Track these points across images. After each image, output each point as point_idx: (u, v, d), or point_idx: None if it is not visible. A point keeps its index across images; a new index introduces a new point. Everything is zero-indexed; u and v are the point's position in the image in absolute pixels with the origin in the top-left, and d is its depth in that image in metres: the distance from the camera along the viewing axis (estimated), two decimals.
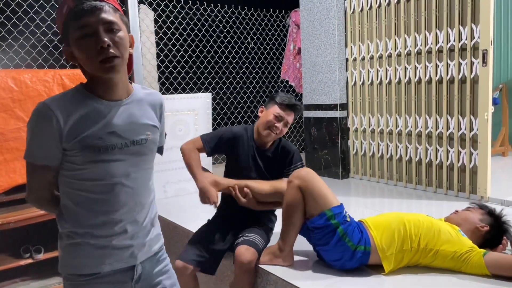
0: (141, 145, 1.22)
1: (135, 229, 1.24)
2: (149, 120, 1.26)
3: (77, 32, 1.09)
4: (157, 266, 1.34)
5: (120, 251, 1.22)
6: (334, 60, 4.22)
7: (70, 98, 1.15)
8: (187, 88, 4.16)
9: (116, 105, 1.18)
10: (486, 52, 3.12)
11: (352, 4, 4.13)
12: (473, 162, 3.32)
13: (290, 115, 2.25)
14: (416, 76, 3.66)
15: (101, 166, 1.16)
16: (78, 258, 1.20)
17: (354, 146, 4.30)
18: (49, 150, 1.12)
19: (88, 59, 1.10)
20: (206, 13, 4.24)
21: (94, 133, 1.13)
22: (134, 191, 1.22)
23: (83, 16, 1.08)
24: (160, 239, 1.37)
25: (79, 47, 1.10)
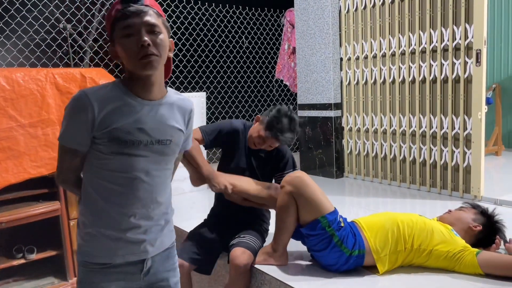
0: (165, 145, 1.29)
1: (148, 224, 1.30)
2: (176, 123, 1.32)
3: (122, 32, 1.19)
4: (167, 262, 1.40)
5: (132, 244, 1.28)
6: (328, 60, 4.22)
7: (108, 90, 1.23)
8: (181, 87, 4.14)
9: (149, 104, 1.25)
10: (480, 52, 3.13)
11: (347, 4, 4.13)
12: (467, 161, 3.33)
13: (274, 143, 2.16)
14: (410, 76, 3.67)
15: (124, 159, 1.22)
16: (93, 247, 1.27)
17: (348, 145, 4.30)
18: (80, 136, 1.20)
19: (130, 57, 1.19)
20: (201, 12, 4.22)
21: (124, 126, 1.20)
22: (152, 188, 1.28)
23: (128, 17, 1.18)
24: (173, 236, 1.42)
25: (123, 46, 1.19)
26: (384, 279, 1.95)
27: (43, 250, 2.79)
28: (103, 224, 1.26)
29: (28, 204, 2.68)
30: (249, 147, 2.29)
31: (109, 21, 1.23)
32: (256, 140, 2.18)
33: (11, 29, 3.09)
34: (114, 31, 1.21)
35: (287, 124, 2.12)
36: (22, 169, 2.57)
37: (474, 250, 1.89)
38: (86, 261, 1.28)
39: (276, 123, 2.11)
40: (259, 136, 2.16)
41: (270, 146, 2.19)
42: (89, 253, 1.27)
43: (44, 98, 2.63)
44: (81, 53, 3.45)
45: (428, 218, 2.10)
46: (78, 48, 3.40)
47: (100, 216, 1.26)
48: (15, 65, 3.11)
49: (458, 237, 1.96)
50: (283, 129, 2.10)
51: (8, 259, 2.67)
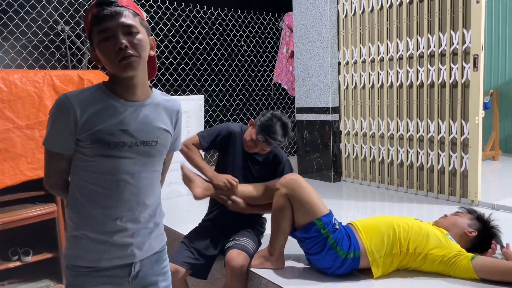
0: (151, 147, 1.27)
1: (136, 227, 1.28)
2: (162, 124, 1.31)
3: (99, 36, 1.18)
4: (157, 266, 1.38)
5: (119, 248, 1.26)
6: (326, 64, 4.23)
7: (90, 93, 1.22)
8: (180, 90, 4.14)
9: (132, 106, 1.25)
10: (477, 57, 3.14)
11: (345, 8, 4.15)
12: (464, 166, 3.34)
13: (266, 147, 2.18)
14: (408, 80, 3.68)
15: (109, 161, 1.22)
16: (79, 250, 1.25)
17: (346, 149, 4.31)
18: (65, 140, 1.20)
19: (109, 60, 1.19)
20: (199, 15, 4.23)
21: (107, 128, 1.20)
22: (138, 190, 1.27)
23: (104, 20, 1.17)
24: (163, 240, 1.41)
25: (101, 50, 1.19)
26: (380, 283, 1.94)
27: (39, 252, 2.78)
28: (89, 227, 1.25)
29: (24, 206, 2.67)
30: (246, 151, 2.29)
31: (86, 25, 1.23)
32: (249, 144, 2.20)
33: (9, 31, 3.09)
34: (91, 35, 1.21)
35: (279, 129, 2.15)
36: (19, 171, 2.56)
37: (469, 255, 1.89)
38: (72, 265, 1.26)
39: (268, 127, 2.13)
40: (251, 140, 2.19)
41: (263, 150, 2.21)
42: (75, 256, 1.26)
43: (42, 100, 2.63)
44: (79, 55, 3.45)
45: (424, 222, 2.10)
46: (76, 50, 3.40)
47: (86, 219, 1.25)
48: (13, 66, 3.10)
49: (453, 242, 1.96)
50: (274, 134, 2.13)
51: (3, 262, 2.66)
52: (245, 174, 2.28)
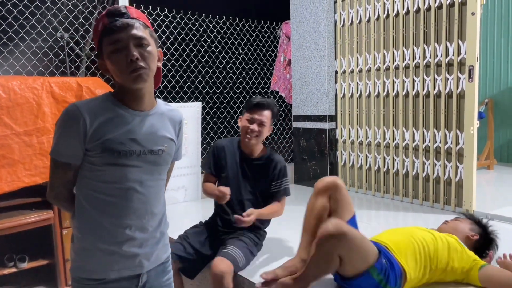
0: (158, 155, 1.29)
1: (144, 237, 1.29)
2: (167, 133, 1.34)
3: (110, 47, 1.19)
4: (162, 277, 1.38)
5: (128, 259, 1.27)
6: (323, 72, 4.26)
7: (99, 102, 1.24)
8: (177, 97, 4.16)
9: (140, 115, 1.26)
10: (472, 68, 3.18)
11: (342, 18, 4.19)
12: (459, 175, 3.37)
13: (262, 115, 2.27)
14: (404, 90, 3.71)
15: (118, 170, 1.23)
16: (88, 262, 1.25)
17: (342, 157, 4.33)
18: (73, 149, 1.20)
19: (119, 71, 1.20)
20: (198, 23, 4.25)
21: (116, 137, 1.21)
22: (146, 198, 1.28)
23: (115, 32, 1.18)
24: (168, 250, 1.41)
25: (112, 61, 1.20)
26: None
27: (35, 259, 2.78)
28: (98, 237, 1.24)
29: (20, 213, 2.67)
30: (244, 157, 2.34)
31: (96, 35, 1.24)
32: (246, 128, 2.27)
33: (8, 37, 3.10)
34: (102, 45, 1.21)
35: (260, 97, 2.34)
36: (16, 178, 2.56)
37: (479, 264, 1.91)
38: (80, 277, 1.26)
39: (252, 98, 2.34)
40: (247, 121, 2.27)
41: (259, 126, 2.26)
42: (84, 268, 1.26)
43: (40, 106, 2.64)
44: (77, 62, 3.46)
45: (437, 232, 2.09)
46: (75, 57, 3.42)
47: (95, 229, 1.25)
48: (11, 73, 3.11)
49: (466, 248, 1.98)
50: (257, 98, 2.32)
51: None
52: (244, 179, 2.33)
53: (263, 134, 2.29)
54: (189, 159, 3.89)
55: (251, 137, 2.27)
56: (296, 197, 4.22)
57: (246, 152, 2.36)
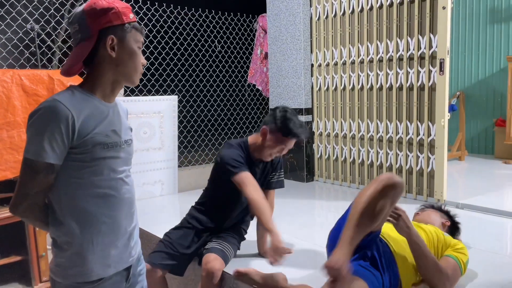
0: (129, 145, 1.32)
1: (131, 227, 1.31)
2: (128, 123, 1.37)
3: (136, 43, 1.26)
4: (139, 266, 1.41)
5: (121, 251, 1.28)
6: (299, 65, 4.29)
7: (77, 97, 1.19)
8: (153, 90, 4.12)
9: (111, 107, 1.28)
10: (443, 61, 3.25)
11: (318, 11, 4.22)
12: (431, 166, 3.45)
13: (292, 144, 2.15)
14: (378, 83, 3.77)
15: (107, 163, 1.22)
16: (86, 265, 1.22)
17: (318, 150, 4.38)
18: (59, 148, 1.14)
19: (134, 67, 1.26)
20: (173, 15, 4.21)
21: (101, 130, 1.21)
22: (130, 188, 1.31)
23: (142, 34, 1.29)
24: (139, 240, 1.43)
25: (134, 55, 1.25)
26: None
27: (7, 255, 2.73)
28: (95, 234, 1.22)
29: None
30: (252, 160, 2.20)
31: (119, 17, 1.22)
32: (276, 150, 2.10)
33: None
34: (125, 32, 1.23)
35: (297, 120, 2.11)
36: None
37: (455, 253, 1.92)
38: (78, 282, 1.21)
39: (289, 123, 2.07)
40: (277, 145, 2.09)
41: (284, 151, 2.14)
42: (82, 272, 1.22)
43: (10, 100, 2.58)
44: (49, 54, 3.38)
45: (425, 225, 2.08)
46: (46, 49, 3.34)
47: (91, 227, 1.22)
48: None
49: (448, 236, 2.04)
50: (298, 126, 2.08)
51: None
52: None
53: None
54: (165, 153, 3.86)
55: (274, 157, 2.18)
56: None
57: (256, 156, 2.22)
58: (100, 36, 1.20)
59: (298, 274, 2.11)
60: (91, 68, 1.24)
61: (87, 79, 1.25)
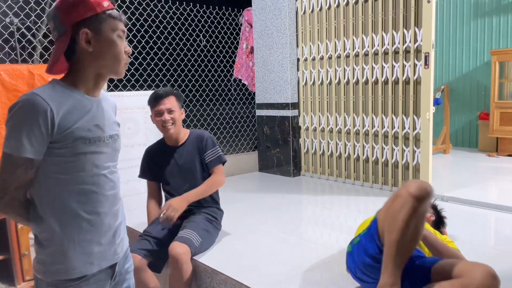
0: (115, 140, 1.29)
1: (116, 223, 1.29)
2: (115, 118, 1.34)
3: (116, 32, 1.21)
4: (126, 264, 1.38)
5: (105, 248, 1.25)
6: (285, 60, 4.27)
7: (57, 90, 1.17)
8: (137, 85, 4.06)
9: (95, 101, 1.24)
10: (428, 55, 3.27)
11: (303, 5, 4.20)
12: (416, 160, 3.48)
13: (165, 103, 2.30)
14: (364, 77, 3.78)
15: (89, 158, 1.19)
16: (68, 262, 1.19)
17: (305, 144, 4.38)
18: (39, 142, 1.11)
19: (116, 57, 1.21)
20: (157, 9, 4.15)
21: (83, 124, 1.17)
22: (114, 184, 1.28)
23: (121, 20, 1.23)
24: (126, 236, 1.41)
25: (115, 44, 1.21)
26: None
27: None
28: (76, 231, 1.19)
29: None
30: (173, 149, 2.41)
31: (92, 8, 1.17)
32: (159, 122, 2.31)
33: None
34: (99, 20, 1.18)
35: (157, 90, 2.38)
36: None
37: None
38: (59, 280, 1.19)
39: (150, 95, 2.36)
40: (156, 115, 2.31)
41: (170, 112, 2.29)
42: (63, 270, 1.19)
43: None
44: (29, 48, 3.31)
45: None
46: (26, 43, 3.26)
47: (72, 224, 1.19)
48: None
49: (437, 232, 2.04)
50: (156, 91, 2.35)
51: None
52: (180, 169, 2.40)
53: (176, 119, 2.33)
54: None
55: (168, 126, 2.31)
56: (260, 185, 4.25)
57: (172, 143, 2.42)
58: (75, 31, 1.17)
59: (285, 268, 2.10)
60: (73, 63, 1.22)
61: (69, 73, 1.23)
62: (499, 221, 2.88)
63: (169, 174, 2.41)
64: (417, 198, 1.51)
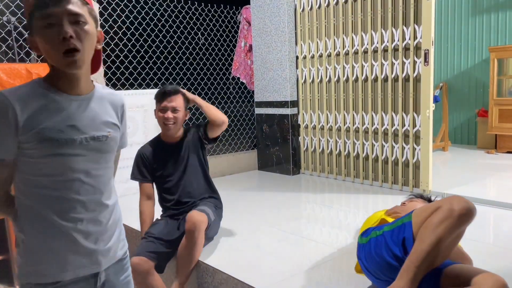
0: (102, 142, 1.20)
1: (98, 231, 1.20)
2: (110, 118, 1.24)
3: (41, 22, 1.08)
4: (122, 275, 1.30)
5: (83, 256, 1.17)
6: (284, 58, 4.25)
7: (29, 89, 1.12)
8: (135, 84, 4.04)
9: (77, 99, 1.16)
10: (428, 51, 3.26)
11: (302, 3, 4.18)
12: (416, 157, 3.47)
13: (172, 101, 2.30)
14: (363, 74, 3.77)
15: (60, 160, 1.12)
16: (39, 265, 1.14)
17: (304, 142, 4.37)
18: (7, 141, 1.08)
19: (52, 50, 1.09)
20: (155, 7, 4.13)
21: (54, 125, 1.10)
22: (95, 189, 1.19)
23: (49, 5, 1.07)
24: (125, 245, 1.32)
25: (43, 37, 1.08)
26: None
27: None
28: (48, 236, 1.14)
29: None
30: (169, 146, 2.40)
31: (27, 8, 1.11)
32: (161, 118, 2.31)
33: None
34: (32, 19, 1.09)
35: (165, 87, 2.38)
36: None
37: None
38: (33, 283, 1.14)
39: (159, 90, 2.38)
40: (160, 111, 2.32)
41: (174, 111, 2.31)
42: (35, 273, 1.14)
43: None
44: (27, 47, 3.28)
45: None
46: (24, 42, 3.24)
47: (43, 228, 1.14)
48: None
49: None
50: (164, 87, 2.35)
51: None
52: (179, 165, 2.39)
53: (179, 119, 2.33)
54: None
55: (169, 125, 2.31)
56: (259, 183, 4.24)
57: (169, 141, 2.41)
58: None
59: (286, 266, 2.09)
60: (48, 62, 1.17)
61: (49, 71, 1.17)
62: (498, 217, 2.88)
63: (170, 170, 2.39)
64: (460, 217, 1.47)
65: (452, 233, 1.49)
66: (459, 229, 1.51)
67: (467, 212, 1.48)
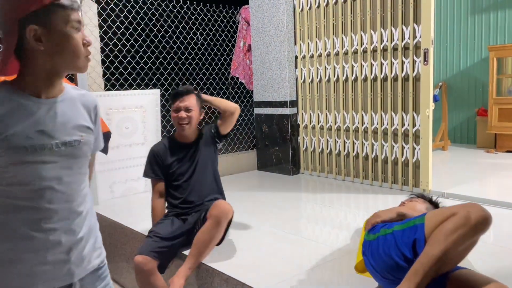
0: (74, 147, 1.14)
1: (71, 240, 1.14)
2: (83, 121, 1.18)
3: (70, 23, 1.08)
4: (99, 284, 1.24)
5: (55, 267, 1.12)
6: (283, 58, 4.25)
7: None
8: (134, 84, 4.03)
9: (46, 103, 1.10)
10: (427, 51, 3.25)
11: (301, 2, 4.18)
12: (416, 156, 3.47)
13: (185, 101, 2.33)
14: (362, 74, 3.76)
15: (29, 168, 1.06)
16: (8, 279, 1.08)
17: (304, 142, 4.36)
18: None
19: (74, 52, 1.09)
20: (154, 7, 4.12)
21: (21, 131, 1.04)
22: (68, 196, 1.13)
23: (74, 9, 1.08)
24: (102, 254, 1.27)
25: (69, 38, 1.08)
26: None
27: None
28: (18, 249, 1.08)
29: None
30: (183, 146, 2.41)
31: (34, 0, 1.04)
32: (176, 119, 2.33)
33: None
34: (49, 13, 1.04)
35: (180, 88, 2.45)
36: None
37: None
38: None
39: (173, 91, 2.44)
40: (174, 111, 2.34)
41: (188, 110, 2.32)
42: (5, 286, 1.08)
43: None
44: None
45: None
46: None
47: (12, 240, 1.08)
48: None
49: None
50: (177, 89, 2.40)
51: None
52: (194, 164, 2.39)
53: (193, 119, 2.34)
54: (148, 147, 3.77)
55: (183, 124, 2.32)
56: (259, 184, 4.23)
57: (183, 141, 2.42)
58: (22, 27, 1.04)
59: (287, 267, 2.08)
60: (23, 62, 1.09)
61: (19, 74, 1.11)
62: (498, 217, 2.85)
63: (182, 170, 2.39)
64: (476, 226, 1.44)
65: (466, 241, 1.47)
66: (473, 238, 1.48)
67: (483, 221, 1.45)
